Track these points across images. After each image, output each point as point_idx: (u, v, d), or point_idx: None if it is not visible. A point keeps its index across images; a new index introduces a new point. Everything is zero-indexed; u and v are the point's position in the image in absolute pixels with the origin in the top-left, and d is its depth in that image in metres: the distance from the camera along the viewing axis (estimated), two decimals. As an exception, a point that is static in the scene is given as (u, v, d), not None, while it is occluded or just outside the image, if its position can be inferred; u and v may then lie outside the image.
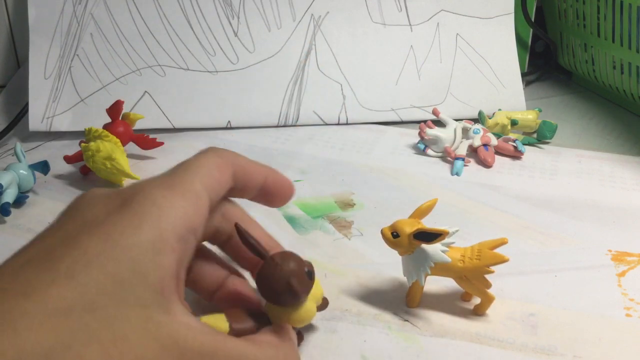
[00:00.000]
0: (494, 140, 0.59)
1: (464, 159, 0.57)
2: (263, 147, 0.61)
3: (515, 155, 0.59)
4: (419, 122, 0.62)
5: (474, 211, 0.50)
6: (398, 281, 0.40)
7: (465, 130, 0.60)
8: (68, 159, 0.55)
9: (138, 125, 0.58)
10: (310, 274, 0.31)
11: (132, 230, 0.26)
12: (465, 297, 0.39)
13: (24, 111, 0.63)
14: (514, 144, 0.59)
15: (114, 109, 0.57)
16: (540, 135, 0.62)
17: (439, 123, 0.61)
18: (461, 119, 0.61)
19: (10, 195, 0.49)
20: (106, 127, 0.56)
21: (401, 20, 0.69)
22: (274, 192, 0.34)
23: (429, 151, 0.60)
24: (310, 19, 0.68)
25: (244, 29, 0.67)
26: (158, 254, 0.26)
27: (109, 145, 0.52)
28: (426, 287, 0.38)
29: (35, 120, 0.62)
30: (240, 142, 0.62)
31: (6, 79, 0.74)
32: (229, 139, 0.63)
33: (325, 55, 0.67)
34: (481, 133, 0.59)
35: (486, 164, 0.57)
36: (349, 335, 0.36)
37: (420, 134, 0.60)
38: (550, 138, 0.62)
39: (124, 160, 0.52)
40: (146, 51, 0.65)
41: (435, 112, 0.61)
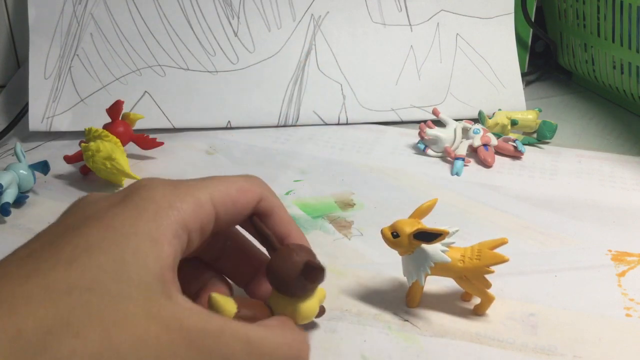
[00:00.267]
0: (494, 140, 0.59)
1: (464, 159, 0.57)
2: (263, 147, 0.61)
3: (515, 155, 0.59)
4: (419, 122, 0.62)
5: (474, 211, 0.50)
6: (398, 281, 0.40)
7: (465, 130, 0.60)
8: (68, 159, 0.55)
9: (138, 125, 0.58)
10: (321, 267, 0.31)
11: (132, 221, 0.26)
12: (465, 297, 0.39)
13: (24, 111, 0.63)
14: (514, 144, 0.59)
15: (114, 109, 0.57)
16: (540, 135, 0.62)
17: (439, 123, 0.61)
18: (461, 119, 0.61)
19: (10, 195, 0.49)
20: (106, 127, 0.56)
21: (401, 20, 0.69)
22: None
23: (429, 151, 0.60)
24: (310, 19, 0.68)
25: (244, 29, 0.67)
26: (156, 244, 0.26)
27: (109, 145, 0.52)
28: (426, 287, 0.38)
29: (35, 120, 0.62)
30: (240, 142, 0.62)
31: (6, 79, 0.74)
32: (229, 139, 0.63)
33: (325, 55, 0.67)
34: (481, 133, 0.59)
35: (486, 164, 0.57)
36: (349, 335, 0.36)
37: (420, 134, 0.60)
38: (550, 138, 0.62)
39: (124, 160, 0.52)
40: (146, 51, 0.65)
41: (435, 112, 0.61)
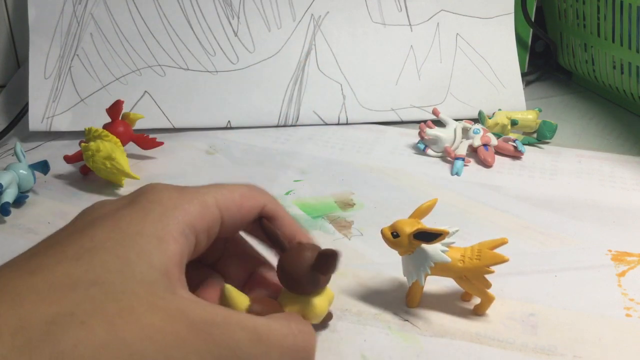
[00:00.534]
0: (494, 140, 0.59)
1: (464, 159, 0.57)
2: (263, 147, 0.61)
3: (515, 155, 0.59)
4: (419, 122, 0.62)
5: (474, 211, 0.50)
6: (398, 281, 0.40)
7: (465, 130, 0.60)
8: (68, 159, 0.55)
9: (138, 125, 0.58)
10: (334, 252, 0.31)
11: (138, 221, 0.27)
12: (465, 297, 0.39)
13: (24, 111, 0.63)
14: (514, 144, 0.59)
15: (114, 109, 0.57)
16: (540, 135, 0.62)
17: (439, 123, 0.61)
18: (461, 119, 0.61)
19: (10, 195, 0.49)
20: (106, 127, 0.55)
21: (401, 20, 0.69)
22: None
23: (429, 151, 0.60)
24: (310, 19, 0.68)
25: (244, 29, 0.67)
26: (162, 243, 0.27)
27: (109, 145, 0.52)
28: (426, 287, 0.38)
29: (35, 120, 0.62)
30: (240, 142, 0.62)
31: (6, 79, 0.74)
32: (229, 139, 0.63)
33: (325, 55, 0.67)
34: (481, 133, 0.59)
35: (486, 164, 0.57)
36: (349, 335, 0.36)
37: (420, 134, 0.60)
38: (550, 138, 0.62)
39: (124, 160, 0.52)
40: (146, 51, 0.65)
41: (435, 112, 0.61)
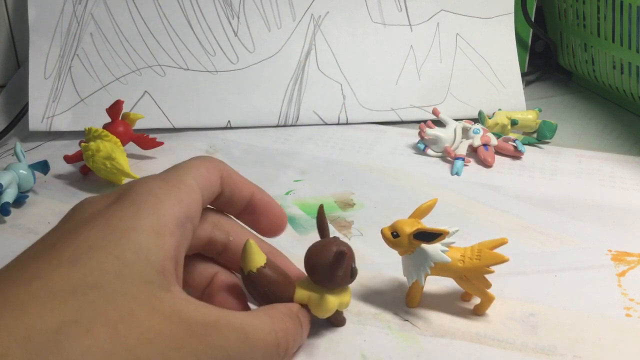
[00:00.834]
0: (494, 140, 0.59)
1: (464, 159, 0.57)
2: (263, 147, 0.61)
3: (515, 155, 0.59)
4: (419, 122, 0.62)
5: (474, 211, 0.50)
6: (398, 281, 0.40)
7: (465, 130, 0.60)
8: (68, 159, 0.55)
9: (138, 125, 0.58)
10: (354, 269, 0.34)
11: (131, 216, 0.27)
12: (465, 297, 0.39)
13: (24, 111, 0.63)
14: (514, 144, 0.59)
15: (114, 109, 0.57)
16: (540, 135, 0.62)
17: (439, 123, 0.61)
18: (461, 119, 0.61)
19: (10, 195, 0.49)
20: (106, 127, 0.55)
21: (401, 20, 0.69)
22: (261, 211, 0.35)
23: (429, 151, 0.60)
24: (310, 19, 0.68)
25: (244, 29, 0.67)
26: (158, 237, 0.26)
27: (109, 145, 0.52)
28: (426, 287, 0.38)
29: (35, 120, 0.62)
30: (240, 142, 0.62)
31: (6, 79, 0.74)
32: (229, 139, 0.63)
33: (325, 55, 0.67)
34: (481, 133, 0.59)
35: (486, 164, 0.57)
36: (349, 335, 0.36)
37: (420, 133, 0.60)
38: (550, 138, 0.62)
39: (124, 160, 0.52)
40: (146, 51, 0.65)
41: (435, 112, 0.61)
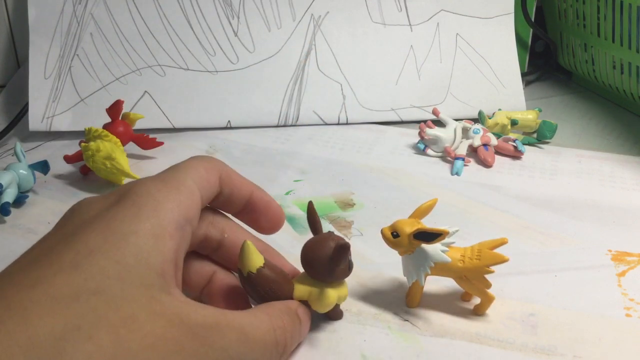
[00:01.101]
0: (494, 140, 0.59)
1: (464, 159, 0.57)
2: (263, 147, 0.61)
3: (515, 155, 0.59)
4: (419, 122, 0.62)
5: (474, 211, 0.50)
6: (398, 281, 0.40)
7: (465, 130, 0.60)
8: (68, 159, 0.55)
9: (138, 125, 0.58)
10: (351, 262, 0.34)
11: (131, 219, 0.27)
12: (465, 297, 0.39)
13: (24, 111, 0.63)
14: (514, 144, 0.59)
15: (114, 109, 0.57)
16: (540, 135, 0.62)
17: (439, 123, 0.61)
18: (461, 119, 0.61)
19: (10, 195, 0.49)
20: (106, 127, 0.56)
21: (401, 20, 0.69)
22: (260, 210, 0.35)
23: (429, 151, 0.60)
24: (310, 19, 0.68)
25: (244, 29, 0.67)
26: (157, 240, 0.27)
27: (109, 145, 0.52)
28: (426, 287, 0.38)
29: (35, 120, 0.62)
30: (240, 142, 0.62)
31: (6, 79, 0.74)
32: (229, 139, 0.63)
33: (325, 55, 0.67)
34: (481, 133, 0.59)
35: (486, 164, 0.57)
36: (349, 335, 0.36)
37: (420, 133, 0.60)
38: (550, 138, 0.62)
39: (124, 160, 0.52)
40: (146, 51, 0.65)
41: (435, 112, 0.61)
